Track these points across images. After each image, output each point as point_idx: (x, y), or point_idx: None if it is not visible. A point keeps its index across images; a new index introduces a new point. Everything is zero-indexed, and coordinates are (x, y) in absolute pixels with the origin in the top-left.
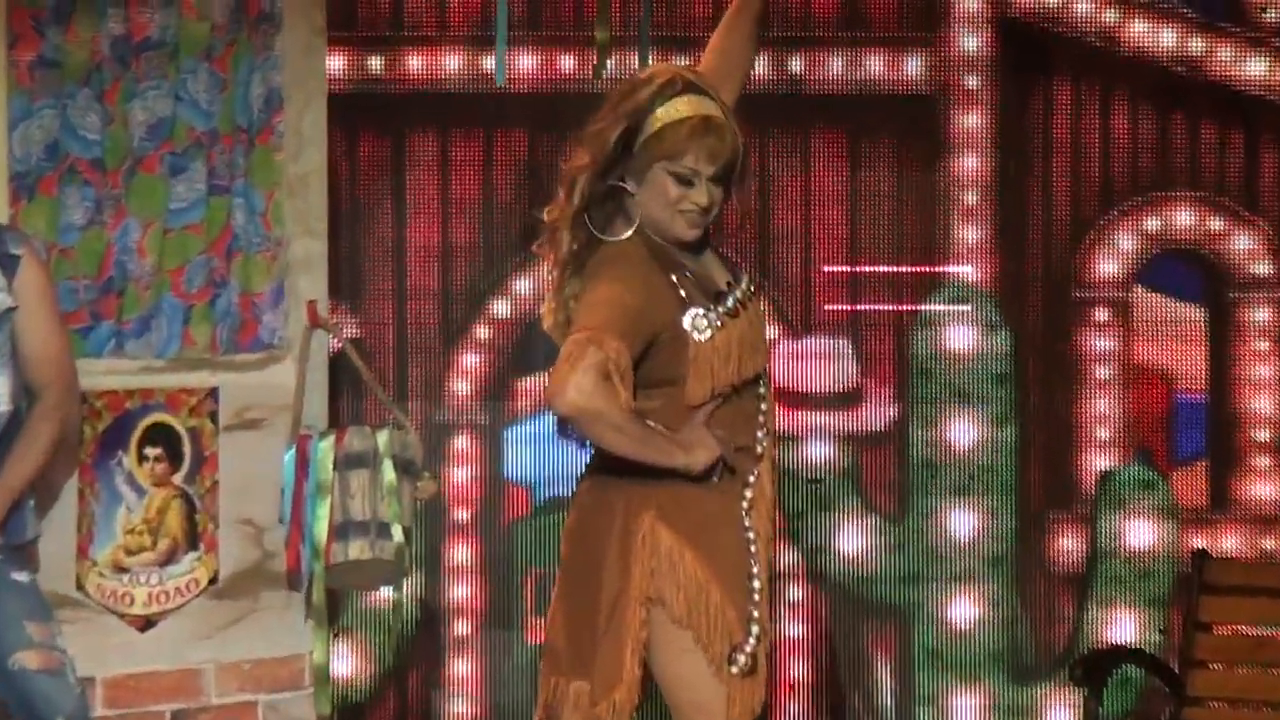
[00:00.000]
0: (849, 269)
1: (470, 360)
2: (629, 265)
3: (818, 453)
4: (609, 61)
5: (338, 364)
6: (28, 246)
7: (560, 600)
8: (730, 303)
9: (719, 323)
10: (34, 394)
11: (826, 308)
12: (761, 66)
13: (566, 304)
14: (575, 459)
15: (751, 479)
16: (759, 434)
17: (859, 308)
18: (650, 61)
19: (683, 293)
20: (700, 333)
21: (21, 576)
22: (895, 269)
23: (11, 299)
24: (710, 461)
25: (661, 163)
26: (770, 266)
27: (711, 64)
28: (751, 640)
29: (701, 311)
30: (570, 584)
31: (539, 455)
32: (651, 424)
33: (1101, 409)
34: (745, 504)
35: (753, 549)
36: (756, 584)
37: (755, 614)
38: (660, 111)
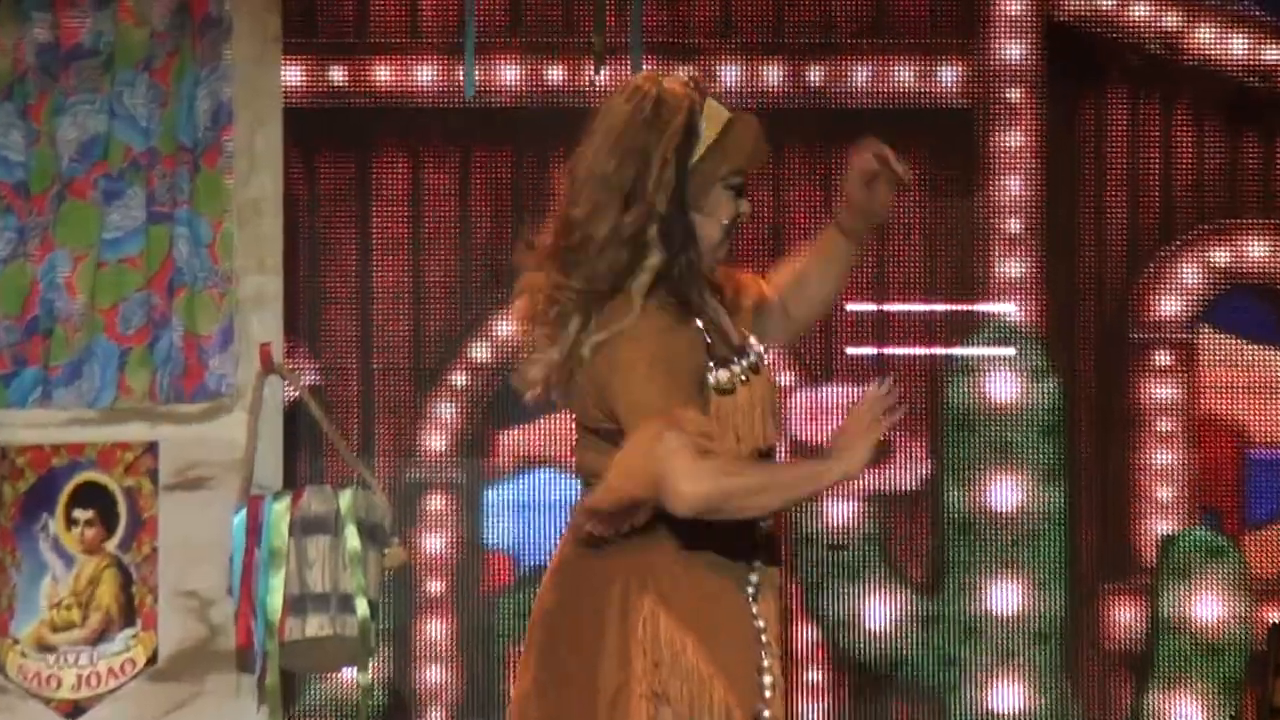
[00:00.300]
0: (875, 307)
1: (445, 411)
2: (661, 314)
3: (840, 515)
4: (604, 69)
5: (295, 415)
6: None
7: (539, 697)
8: (752, 357)
9: (743, 377)
10: None
11: (849, 351)
12: (776, 76)
13: (576, 360)
14: (564, 521)
15: (757, 560)
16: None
17: (886, 351)
18: (642, 66)
19: (709, 340)
20: (723, 390)
21: None
22: (928, 307)
23: None
24: (872, 453)
25: (725, 177)
26: None
27: (782, 280)
28: None
29: (726, 364)
30: (552, 676)
31: (523, 518)
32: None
33: (1163, 465)
34: (751, 588)
35: (763, 638)
36: (768, 679)
37: (766, 714)
38: (705, 122)
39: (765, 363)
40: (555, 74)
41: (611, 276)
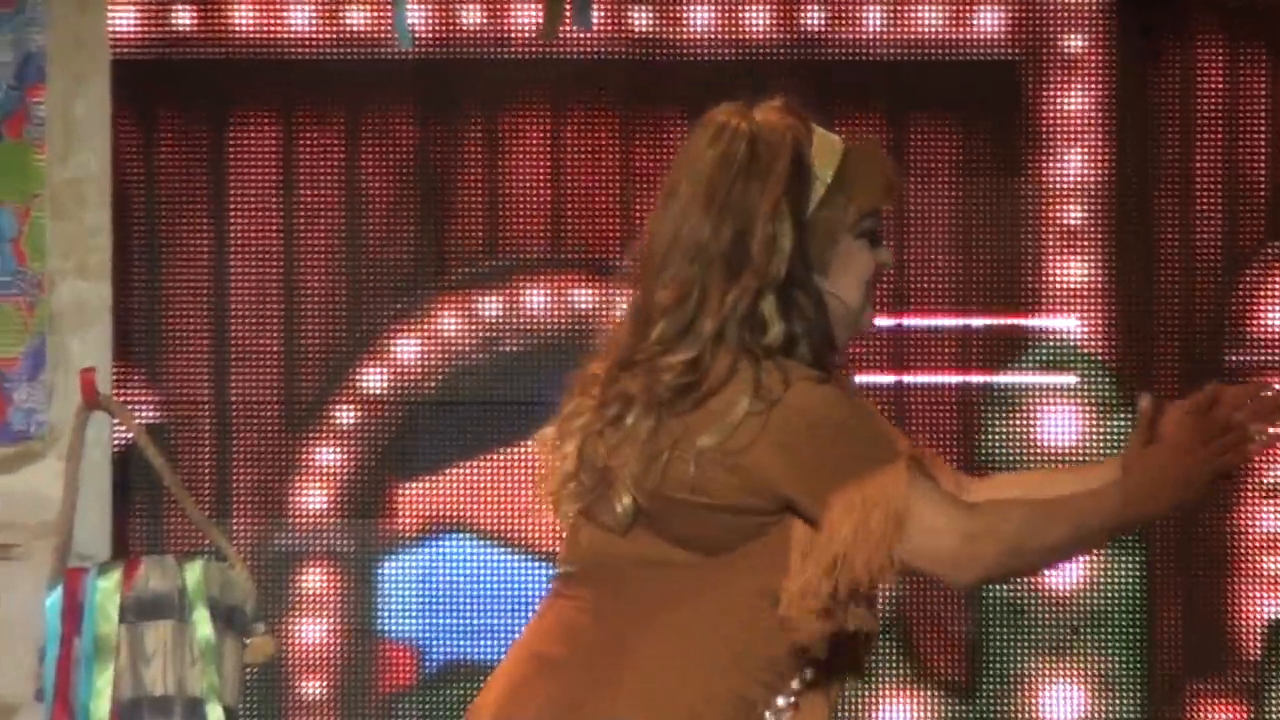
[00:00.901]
0: (894, 321)
1: (327, 457)
2: (824, 380)
3: None
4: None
5: (127, 464)
6: None
7: None
8: None
9: None
10: None
11: (859, 378)
12: (765, 19)
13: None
14: (486, 605)
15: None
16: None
17: (908, 378)
18: (591, 13)
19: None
20: None
21: None
22: (962, 321)
23: None
24: (1212, 480)
25: (854, 224)
26: None
27: (983, 489)
28: None
29: None
30: None
31: (429, 599)
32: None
33: (1273, 529)
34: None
35: None
36: None
37: None
38: (818, 161)
39: None
40: (471, 18)
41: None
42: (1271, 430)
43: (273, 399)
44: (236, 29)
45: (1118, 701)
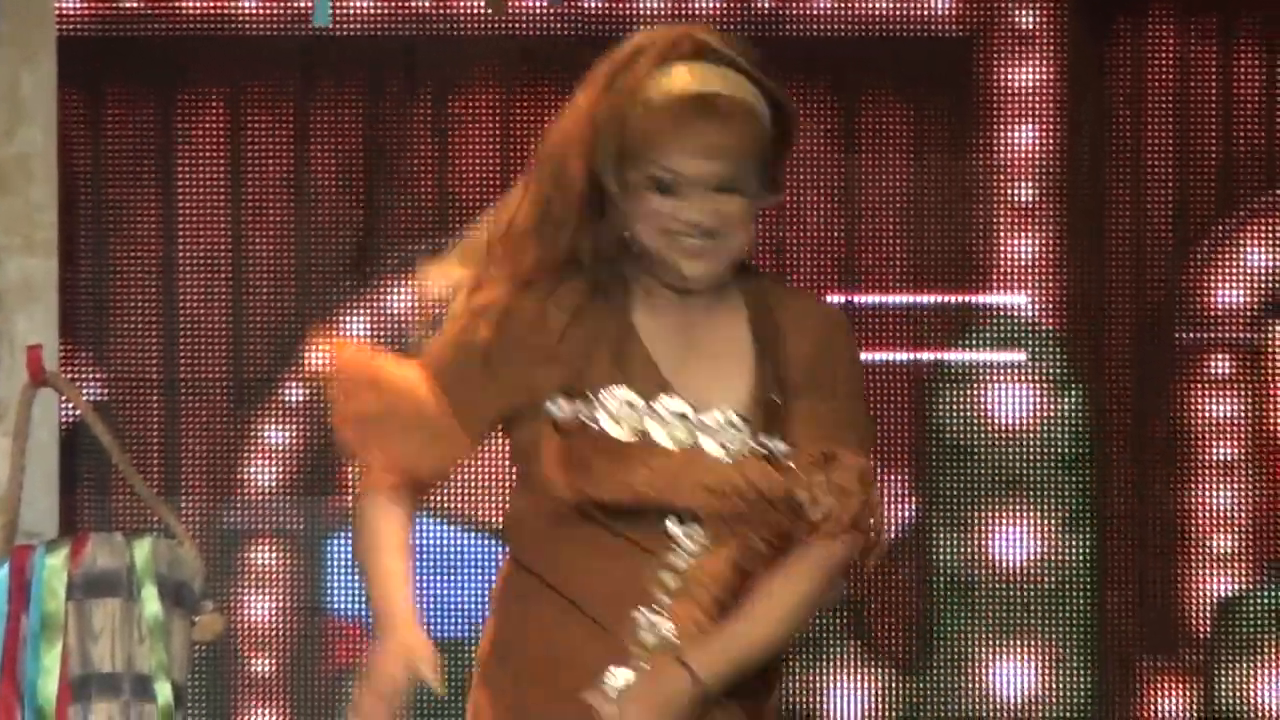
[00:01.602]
0: (843, 298)
1: (276, 436)
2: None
3: None
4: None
5: (74, 440)
6: None
7: None
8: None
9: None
10: None
11: None
12: None
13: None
14: (443, 579)
15: (614, 679)
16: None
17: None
18: None
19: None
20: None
21: None
22: (911, 298)
23: None
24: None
25: (642, 166)
26: None
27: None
28: None
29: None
30: None
31: None
32: None
33: (1223, 506)
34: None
35: None
36: None
37: None
38: (651, 90)
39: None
40: None
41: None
42: None
43: (221, 376)
44: (184, 6)
45: (1067, 678)
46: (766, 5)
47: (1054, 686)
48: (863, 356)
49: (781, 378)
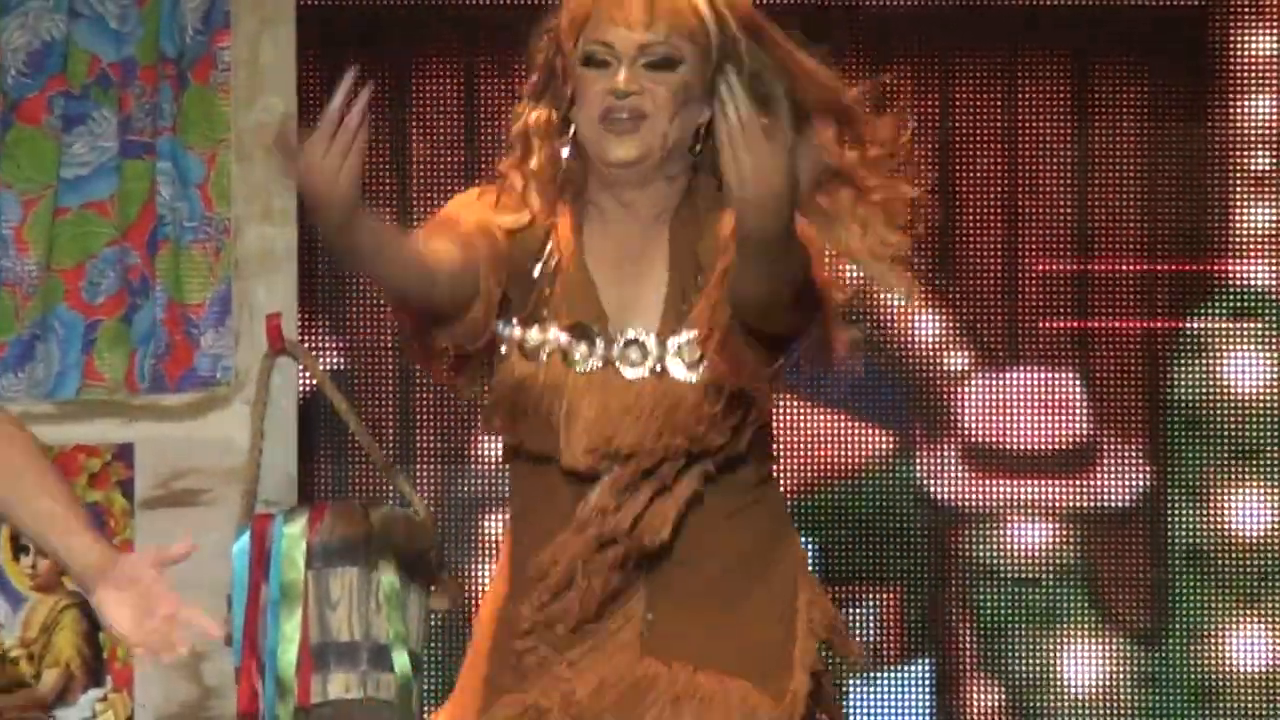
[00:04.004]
0: (1076, 268)
1: None
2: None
3: (1030, 540)
4: None
5: (312, 410)
6: None
7: None
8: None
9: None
10: None
11: (1042, 326)
12: None
13: None
14: None
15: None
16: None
17: (1090, 325)
18: None
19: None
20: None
21: None
22: (1146, 268)
23: None
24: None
25: (580, 45)
26: (954, 263)
27: None
28: None
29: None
30: None
31: None
32: None
33: None
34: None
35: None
36: None
37: None
38: None
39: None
40: None
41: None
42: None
43: None
44: None
45: None
46: None
47: None
48: (1094, 325)
49: (703, 266)
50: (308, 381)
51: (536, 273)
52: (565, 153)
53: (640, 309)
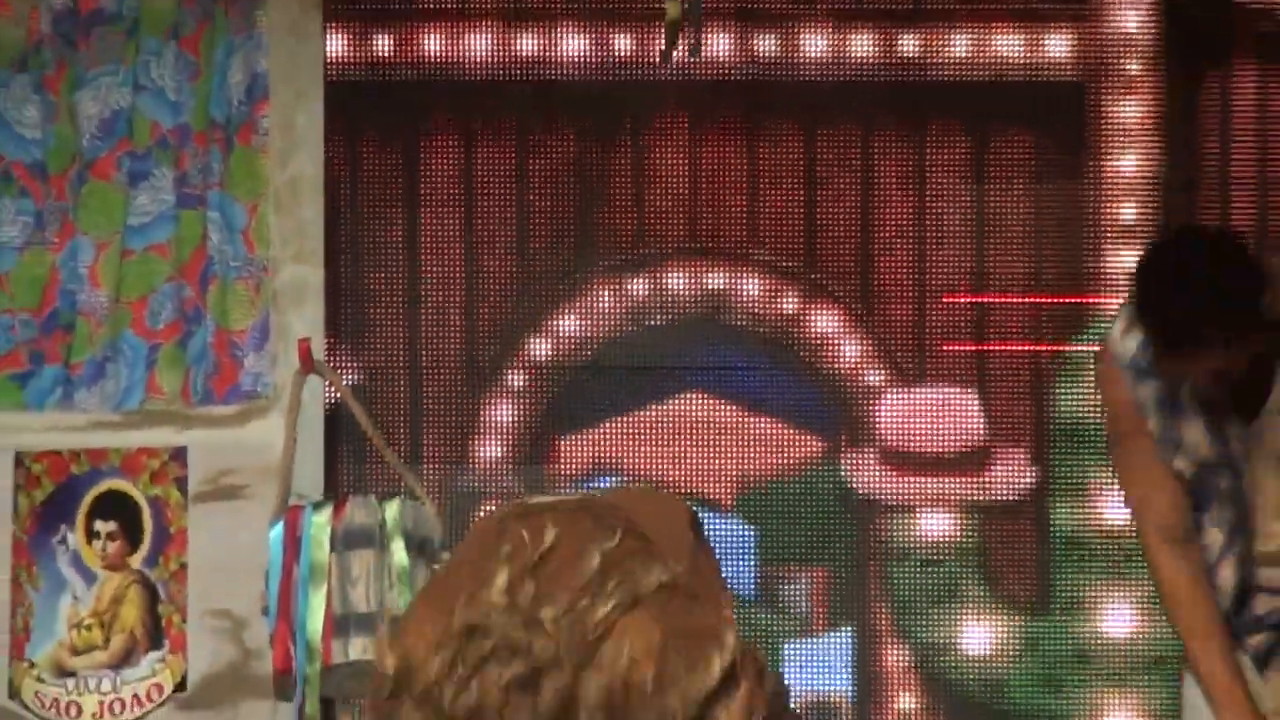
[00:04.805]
0: (974, 300)
1: (502, 413)
2: None
3: (935, 528)
4: (679, 42)
5: (336, 418)
6: None
7: None
8: None
9: None
10: None
11: (946, 349)
12: (866, 46)
13: None
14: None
15: None
16: None
17: (986, 348)
18: (699, 41)
19: None
20: None
21: None
22: (1033, 300)
23: None
24: None
25: None
26: (873, 297)
27: None
28: None
29: None
30: None
31: None
32: None
33: None
34: None
35: None
36: None
37: None
38: None
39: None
40: (623, 45)
41: None
42: None
43: (456, 365)
44: (428, 54)
45: (1164, 621)
46: (911, 53)
47: (1152, 625)
48: (989, 348)
49: None
50: (332, 395)
51: None
52: None
53: None
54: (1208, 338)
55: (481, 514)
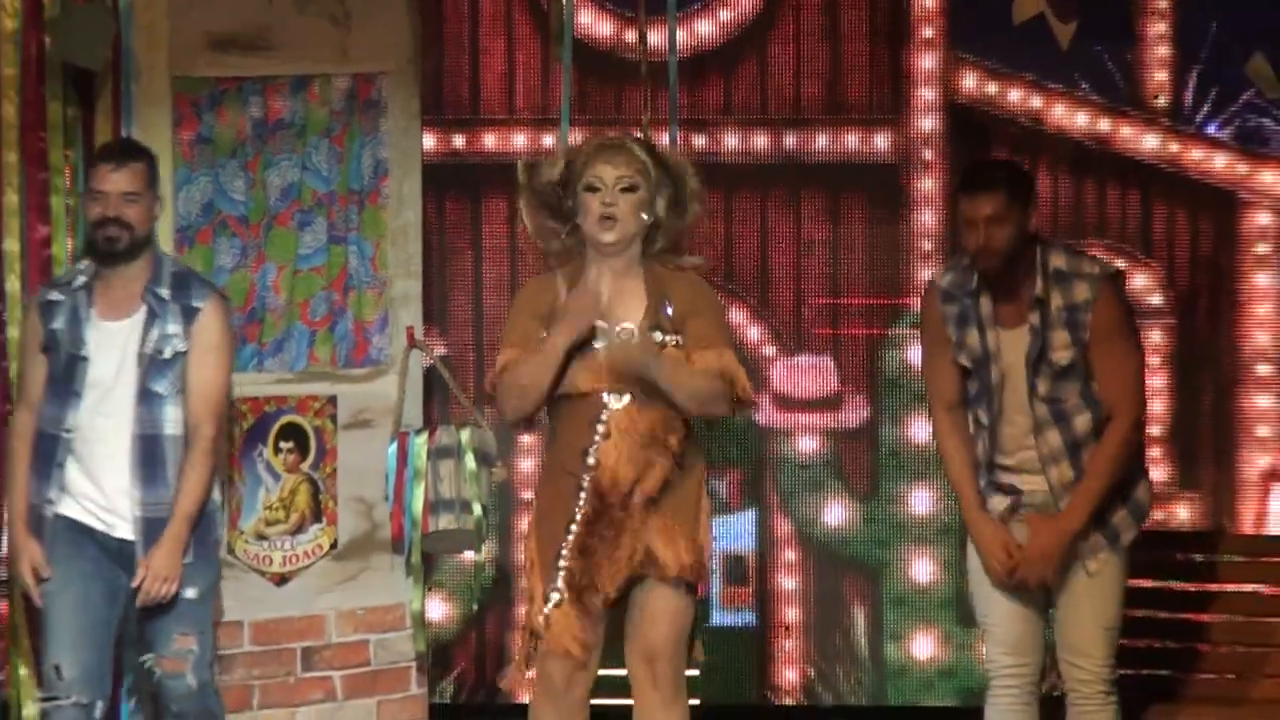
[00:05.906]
0: (832, 301)
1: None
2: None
3: (807, 446)
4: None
5: (430, 376)
6: (212, 300)
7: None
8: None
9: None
10: (192, 428)
11: (815, 332)
12: (762, 142)
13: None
14: None
15: (600, 425)
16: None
17: (840, 331)
18: (569, 138)
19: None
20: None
21: (190, 592)
22: (869, 301)
23: (184, 344)
24: (578, 326)
25: (583, 180)
26: (770, 300)
27: None
28: (556, 584)
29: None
30: None
31: None
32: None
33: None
34: (592, 452)
35: (581, 497)
36: (573, 528)
37: (554, 596)
38: (589, 147)
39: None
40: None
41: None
42: None
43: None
44: (486, 146)
45: (951, 503)
46: (790, 146)
47: (944, 507)
48: (842, 333)
49: (668, 306)
50: (427, 362)
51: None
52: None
53: (626, 314)
54: (993, 180)
55: (522, 438)
